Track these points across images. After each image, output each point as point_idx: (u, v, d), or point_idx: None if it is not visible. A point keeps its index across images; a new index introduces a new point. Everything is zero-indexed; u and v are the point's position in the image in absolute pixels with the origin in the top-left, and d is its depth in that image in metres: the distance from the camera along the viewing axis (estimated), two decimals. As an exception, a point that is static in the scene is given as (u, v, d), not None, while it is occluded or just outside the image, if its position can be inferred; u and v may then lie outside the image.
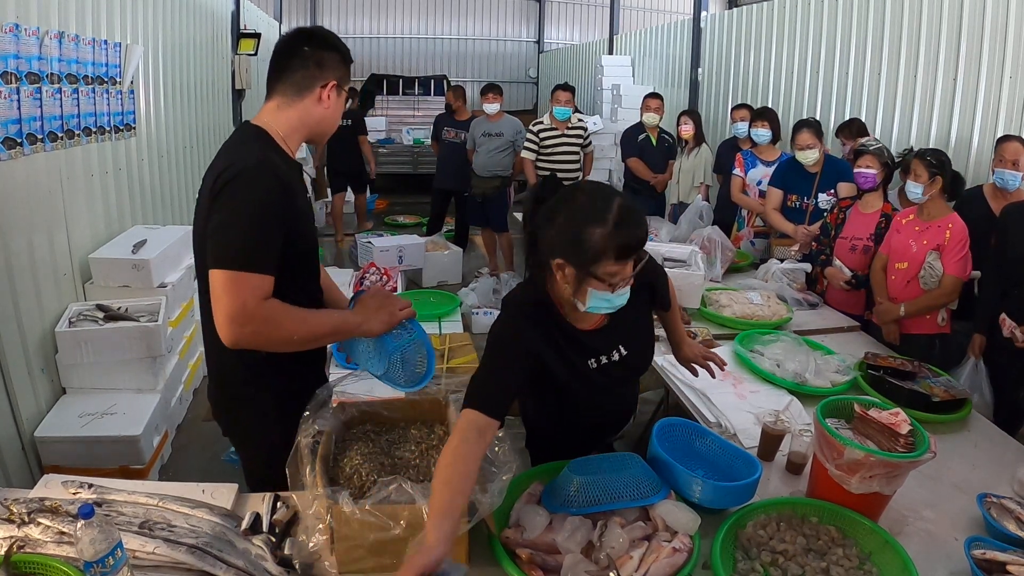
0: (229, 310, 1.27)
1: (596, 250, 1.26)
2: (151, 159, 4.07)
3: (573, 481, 1.40)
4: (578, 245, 1.27)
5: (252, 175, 1.31)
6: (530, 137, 5.14)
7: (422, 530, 1.15)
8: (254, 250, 1.29)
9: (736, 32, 6.05)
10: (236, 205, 1.29)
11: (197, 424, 3.37)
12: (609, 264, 1.27)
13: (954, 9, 3.71)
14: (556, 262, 1.32)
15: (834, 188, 3.47)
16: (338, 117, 1.53)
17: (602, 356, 1.50)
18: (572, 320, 1.45)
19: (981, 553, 1.33)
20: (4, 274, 2.52)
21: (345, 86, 1.51)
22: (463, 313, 4.66)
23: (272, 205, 1.32)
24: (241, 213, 1.29)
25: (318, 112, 1.48)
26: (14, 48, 2.56)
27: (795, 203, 3.60)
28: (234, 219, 1.29)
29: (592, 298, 1.32)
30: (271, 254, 1.31)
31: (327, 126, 1.52)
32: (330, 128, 1.54)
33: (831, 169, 3.54)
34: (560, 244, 1.30)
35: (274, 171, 1.34)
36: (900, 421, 1.48)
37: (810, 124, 3.56)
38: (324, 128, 1.53)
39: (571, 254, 1.29)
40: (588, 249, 1.26)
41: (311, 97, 1.46)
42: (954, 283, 2.58)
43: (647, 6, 13.81)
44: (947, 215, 2.65)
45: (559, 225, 1.29)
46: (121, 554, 1.12)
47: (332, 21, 13.01)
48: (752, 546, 1.37)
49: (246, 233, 1.28)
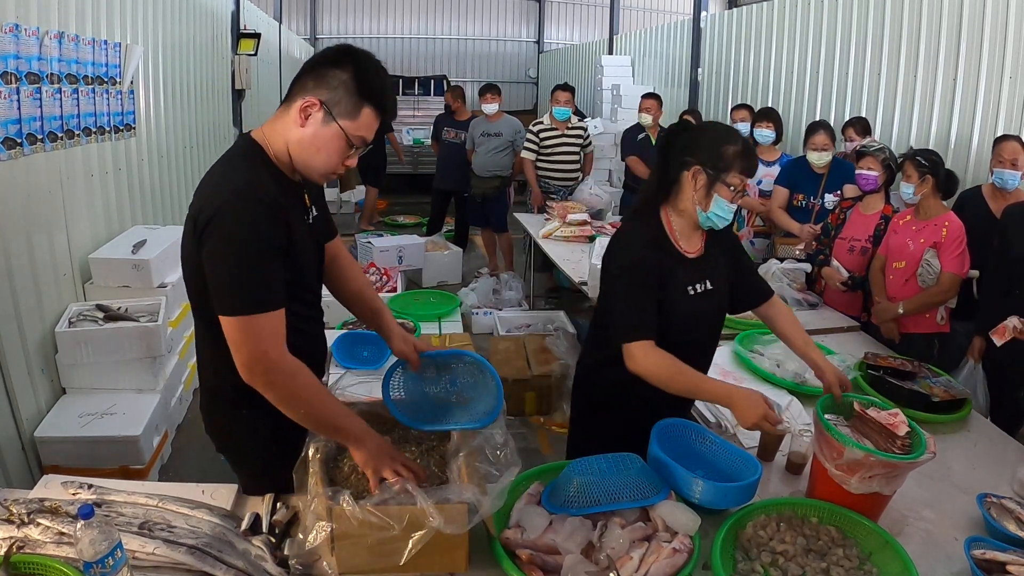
0: (248, 357, 1.24)
1: (728, 160, 1.61)
2: (151, 159, 4.07)
3: (573, 481, 1.40)
4: (717, 156, 1.61)
5: (231, 210, 1.22)
6: (530, 137, 5.14)
7: (421, 529, 1.16)
8: (256, 290, 1.23)
9: (736, 32, 6.05)
10: (224, 248, 1.22)
11: (197, 424, 3.33)
12: (735, 176, 1.62)
13: (954, 9, 3.71)
14: (695, 169, 1.62)
15: (840, 189, 3.48)
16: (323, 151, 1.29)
17: (697, 284, 1.72)
18: (680, 246, 1.72)
19: (981, 553, 1.33)
20: (4, 274, 2.52)
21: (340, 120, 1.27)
22: (463, 313, 4.66)
23: (261, 235, 1.23)
24: (230, 255, 1.22)
25: (294, 133, 1.29)
26: (14, 48, 2.55)
27: (801, 202, 3.61)
28: (226, 263, 1.22)
29: (715, 205, 1.63)
30: (275, 286, 1.26)
31: (306, 156, 1.30)
32: (310, 159, 1.30)
33: (838, 170, 3.56)
34: (702, 154, 1.63)
35: (257, 197, 1.24)
36: (899, 422, 1.48)
37: (826, 126, 3.61)
38: (303, 157, 1.30)
39: (710, 162, 1.62)
40: (724, 158, 1.61)
41: (291, 113, 1.29)
42: (952, 280, 2.58)
43: (647, 6, 13.81)
44: (943, 213, 2.66)
45: (703, 142, 1.64)
46: (121, 555, 1.12)
47: (332, 21, 13.01)
48: (752, 546, 1.37)
49: (244, 275, 1.23)
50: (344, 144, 1.30)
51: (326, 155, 1.30)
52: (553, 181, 5.15)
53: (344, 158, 1.32)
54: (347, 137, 1.29)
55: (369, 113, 1.29)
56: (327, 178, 1.37)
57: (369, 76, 1.28)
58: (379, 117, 1.31)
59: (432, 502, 1.20)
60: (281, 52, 8.74)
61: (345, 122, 1.28)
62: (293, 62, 9.79)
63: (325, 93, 1.27)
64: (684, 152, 1.65)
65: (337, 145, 1.30)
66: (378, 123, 1.32)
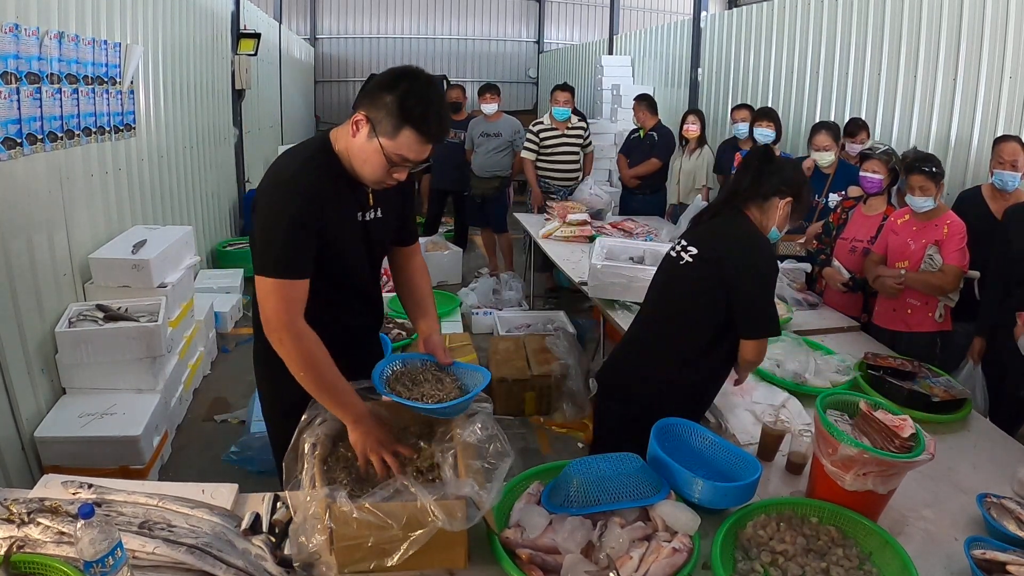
0: (268, 312, 1.41)
1: (805, 205, 1.93)
2: (151, 159, 4.07)
3: (573, 481, 1.40)
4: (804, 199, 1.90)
5: (276, 190, 1.43)
6: (530, 137, 5.14)
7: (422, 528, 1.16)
8: (282, 258, 1.40)
9: (736, 32, 6.05)
10: (263, 217, 1.43)
11: (197, 424, 3.37)
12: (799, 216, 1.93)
13: (954, 9, 3.71)
14: (790, 200, 1.85)
15: (844, 190, 3.47)
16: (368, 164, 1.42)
17: None
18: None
19: (981, 553, 1.33)
20: (4, 274, 2.52)
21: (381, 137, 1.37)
22: (463, 313, 4.67)
23: (290, 216, 1.39)
24: (267, 224, 1.42)
25: (349, 141, 1.44)
26: (14, 48, 2.55)
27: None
28: (262, 230, 1.42)
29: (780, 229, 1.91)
30: (298, 261, 1.41)
31: (356, 163, 1.44)
32: (360, 167, 1.44)
33: (843, 173, 3.54)
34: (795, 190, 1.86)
35: (300, 189, 1.41)
36: (905, 426, 1.47)
37: (828, 127, 3.58)
38: (354, 164, 1.45)
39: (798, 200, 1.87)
40: (804, 203, 1.91)
41: (349, 122, 1.44)
42: (955, 271, 2.57)
43: (647, 6, 13.80)
44: (943, 213, 2.66)
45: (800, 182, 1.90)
46: (121, 554, 1.12)
47: (332, 21, 13.01)
48: (752, 546, 1.37)
49: (275, 243, 1.40)
50: (383, 160, 1.40)
51: (371, 167, 1.43)
52: (553, 181, 5.15)
53: (388, 172, 1.43)
54: (385, 154, 1.39)
55: (409, 135, 1.38)
56: (378, 185, 1.48)
57: (412, 101, 1.36)
58: (421, 140, 1.39)
59: (432, 498, 1.20)
60: (281, 52, 8.74)
61: (385, 140, 1.39)
62: (293, 62, 9.81)
63: (374, 111, 1.39)
64: (784, 182, 1.85)
65: (378, 160, 1.41)
66: (422, 145, 1.40)
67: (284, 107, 9.04)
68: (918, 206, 2.65)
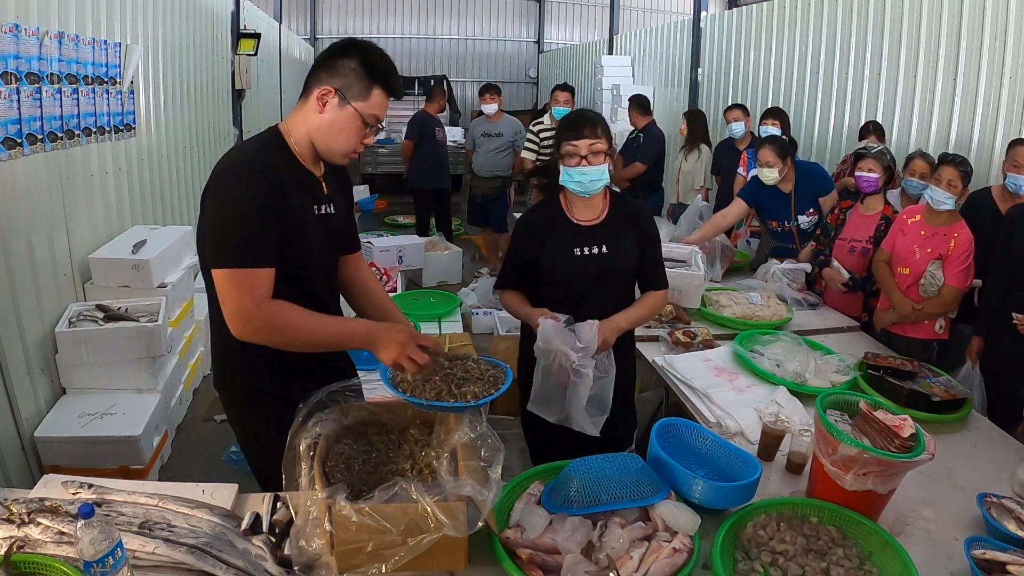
0: (231, 308, 1.33)
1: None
2: (151, 159, 4.07)
3: (573, 481, 1.40)
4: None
5: (233, 173, 1.36)
6: (530, 137, 5.14)
7: (422, 533, 1.16)
8: (245, 245, 1.33)
9: (736, 32, 6.06)
10: (218, 203, 1.35)
11: (197, 424, 3.37)
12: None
13: (954, 9, 3.71)
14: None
15: (813, 207, 3.35)
16: (343, 133, 1.42)
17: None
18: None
19: (981, 553, 1.33)
20: (4, 274, 2.52)
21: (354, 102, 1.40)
22: (463, 313, 4.66)
23: (257, 199, 1.33)
24: (224, 211, 1.34)
25: (315, 119, 1.42)
26: (14, 48, 2.55)
27: (777, 228, 3.47)
28: (219, 217, 1.34)
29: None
30: (264, 247, 1.34)
31: (327, 139, 1.43)
32: (331, 142, 1.44)
33: (804, 187, 3.35)
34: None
35: (260, 169, 1.35)
36: (905, 425, 1.47)
37: (774, 142, 3.35)
38: (324, 141, 1.44)
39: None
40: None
41: (310, 103, 1.42)
42: (954, 295, 2.58)
43: (647, 6, 13.81)
44: (955, 223, 2.62)
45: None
46: (121, 554, 1.12)
47: (332, 21, 13.02)
48: (752, 546, 1.37)
49: (234, 230, 1.33)
50: (360, 124, 1.43)
51: (345, 136, 1.43)
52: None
53: (362, 137, 1.46)
54: (362, 117, 1.42)
55: (379, 93, 1.43)
56: (348, 158, 1.49)
57: (375, 60, 1.42)
58: (388, 95, 1.45)
59: (432, 500, 1.19)
60: (281, 52, 8.73)
61: (359, 104, 1.41)
62: (293, 62, 9.79)
63: (338, 80, 1.40)
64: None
65: (354, 125, 1.43)
66: (388, 102, 1.45)
67: (284, 107, 9.03)
68: (939, 200, 2.57)
